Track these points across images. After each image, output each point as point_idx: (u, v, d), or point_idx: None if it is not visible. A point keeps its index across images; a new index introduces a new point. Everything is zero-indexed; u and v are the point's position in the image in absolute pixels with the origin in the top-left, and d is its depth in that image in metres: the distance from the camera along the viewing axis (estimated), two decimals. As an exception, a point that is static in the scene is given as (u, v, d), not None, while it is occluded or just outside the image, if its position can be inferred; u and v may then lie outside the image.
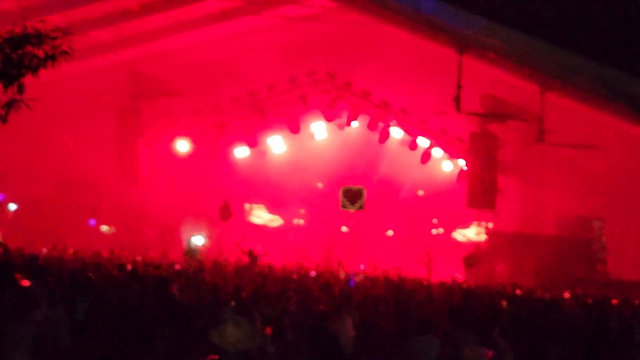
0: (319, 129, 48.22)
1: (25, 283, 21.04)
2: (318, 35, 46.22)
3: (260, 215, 47.92)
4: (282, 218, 49.19)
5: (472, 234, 47.54)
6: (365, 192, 43.03)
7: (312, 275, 36.24)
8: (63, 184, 45.89)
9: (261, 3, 46.17)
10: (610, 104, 35.71)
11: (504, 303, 30.09)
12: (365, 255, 42.83)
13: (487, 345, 20.44)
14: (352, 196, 42.96)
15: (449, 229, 48.10)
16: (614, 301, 33.24)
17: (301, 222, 48.98)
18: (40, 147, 38.58)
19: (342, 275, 33.87)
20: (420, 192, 48.64)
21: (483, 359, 18.67)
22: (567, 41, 34.05)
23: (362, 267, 33.54)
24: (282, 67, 46.97)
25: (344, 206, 43.14)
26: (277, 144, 48.74)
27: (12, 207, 46.47)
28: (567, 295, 35.75)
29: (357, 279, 34.05)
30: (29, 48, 15.17)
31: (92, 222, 46.12)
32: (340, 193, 43.45)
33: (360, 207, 42.53)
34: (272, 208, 48.33)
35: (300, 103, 47.97)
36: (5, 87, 15.05)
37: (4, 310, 18.10)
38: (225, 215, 43.70)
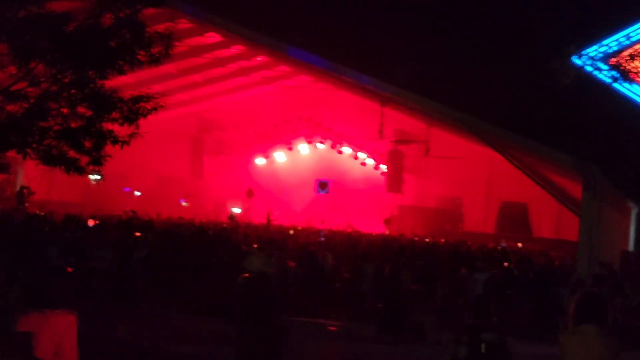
0: (303, 148, 48.10)
1: (138, 234, 21.57)
2: (304, 95, 45.94)
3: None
4: (284, 199, 48.20)
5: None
6: (329, 183, 42.76)
7: (300, 229, 36.64)
8: (159, 179, 45.86)
9: (270, 78, 46.55)
10: (466, 134, 35.49)
11: (407, 244, 30.72)
12: (332, 219, 42.77)
13: (397, 267, 21.16)
14: (322, 185, 42.72)
15: (377, 204, 47.92)
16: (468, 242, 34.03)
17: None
18: (147, 159, 38.78)
19: (321, 233, 34.10)
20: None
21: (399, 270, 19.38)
22: (442, 97, 34.01)
23: (322, 233, 33.71)
24: (282, 111, 47.22)
25: (318, 191, 42.87)
26: (279, 156, 48.68)
27: (137, 193, 46.37)
28: (442, 240, 35.88)
29: (327, 232, 34.36)
30: (142, 104, 15.03)
31: (182, 200, 46.78)
32: (316, 184, 43.11)
33: (327, 192, 42.39)
34: (278, 193, 47.80)
35: (292, 132, 47.99)
36: (129, 125, 14.93)
37: (128, 247, 18.83)
38: (249, 195, 44.20)
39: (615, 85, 29.23)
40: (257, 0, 35.96)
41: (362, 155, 47.75)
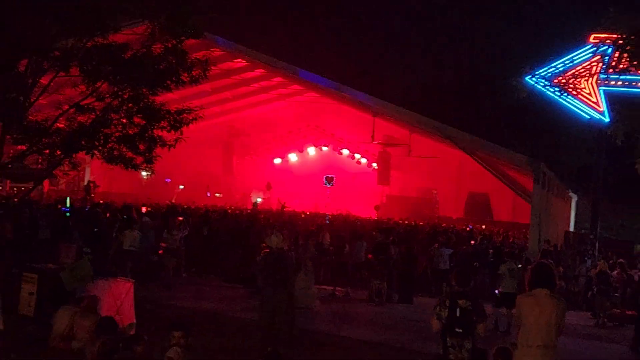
0: (311, 150, 47.87)
1: (180, 218, 21.36)
2: (312, 108, 45.73)
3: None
4: (296, 191, 48.02)
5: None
6: (334, 178, 42.62)
7: (309, 214, 36.48)
8: (196, 174, 45.69)
9: (285, 94, 46.45)
10: (440, 138, 35.34)
11: (393, 225, 30.50)
12: (334, 206, 42.49)
13: (386, 245, 20.81)
14: (329, 180, 42.60)
15: (370, 194, 47.73)
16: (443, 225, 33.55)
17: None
18: (188, 159, 38.43)
19: (327, 216, 33.84)
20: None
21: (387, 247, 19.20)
22: (420, 110, 34.00)
23: (327, 217, 33.45)
24: (294, 121, 47.18)
25: (325, 184, 42.74)
26: (292, 156, 48.36)
27: (181, 187, 45.97)
28: (420, 223, 35.71)
29: (330, 217, 34.17)
30: (185, 115, 15.04)
31: (208, 193, 46.79)
32: (324, 178, 42.98)
33: (332, 185, 42.14)
34: (291, 186, 47.58)
35: (302, 138, 47.75)
36: (175, 131, 14.95)
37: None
38: (269, 188, 44.08)
39: (560, 99, 29.13)
40: (274, 34, 36.31)
41: (357, 155, 47.42)
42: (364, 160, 47.69)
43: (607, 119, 27.47)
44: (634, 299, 19.89)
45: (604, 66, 24.45)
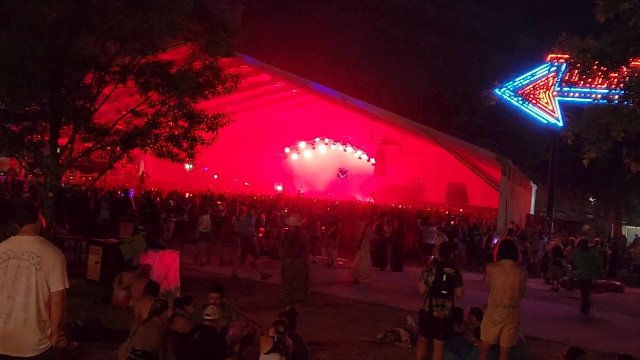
0: (322, 147, 47.75)
1: (219, 202, 21.03)
2: (323, 113, 45.65)
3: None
4: (309, 181, 47.92)
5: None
6: (346, 170, 42.72)
7: (320, 199, 36.32)
8: (227, 166, 46.14)
9: (300, 102, 46.40)
10: (426, 138, 35.37)
11: (387, 209, 30.18)
12: (345, 191, 42.53)
13: (381, 224, 20.54)
14: (343, 172, 42.70)
15: (369, 183, 47.61)
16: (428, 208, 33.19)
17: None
18: (222, 154, 38.15)
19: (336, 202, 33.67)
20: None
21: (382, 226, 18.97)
22: (410, 115, 34.11)
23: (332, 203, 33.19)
24: (309, 123, 47.20)
25: (340, 176, 42.94)
26: (307, 152, 48.20)
27: (215, 176, 45.71)
28: (409, 206, 35.67)
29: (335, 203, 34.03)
30: (220, 119, 14.97)
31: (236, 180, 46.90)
32: (339, 170, 43.16)
33: (346, 176, 42.05)
34: (305, 177, 47.52)
35: (314, 137, 47.45)
36: (212, 132, 14.91)
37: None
38: (288, 179, 44.18)
39: (522, 107, 29.02)
40: (292, 53, 36.31)
41: (359, 152, 47.55)
42: (364, 157, 47.45)
43: (560, 124, 27.41)
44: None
45: (559, 80, 24.52)
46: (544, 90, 28.12)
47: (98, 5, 13.08)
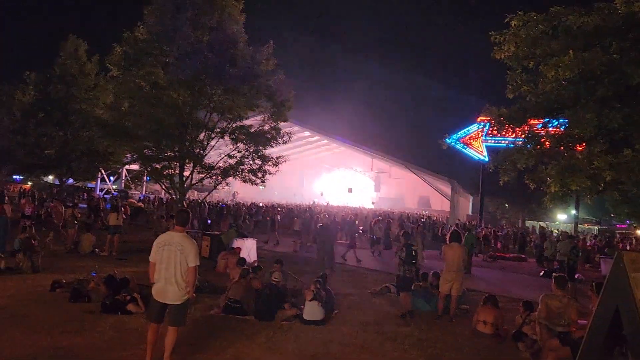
0: (338, 175, 46.57)
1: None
2: (339, 153, 44.98)
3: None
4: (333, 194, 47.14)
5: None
6: (352, 188, 41.96)
7: (336, 207, 35.46)
8: (285, 188, 45.46)
9: (324, 145, 46.04)
10: (405, 168, 34.77)
11: (380, 213, 29.22)
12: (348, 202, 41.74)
13: (375, 222, 19.95)
14: (350, 190, 41.95)
15: (369, 196, 46.97)
16: (407, 212, 32.07)
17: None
18: (280, 179, 36.93)
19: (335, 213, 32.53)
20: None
21: (375, 223, 18.02)
22: (395, 154, 33.72)
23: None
24: (330, 159, 46.34)
25: (348, 192, 41.93)
26: (330, 177, 47.26)
27: (276, 192, 44.40)
28: (395, 211, 34.99)
29: (339, 209, 33.13)
30: (280, 158, 14.19)
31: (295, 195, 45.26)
32: (348, 189, 42.44)
33: (351, 192, 41.39)
34: (326, 195, 46.50)
35: (332, 168, 46.47)
36: (275, 166, 14.24)
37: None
38: (321, 194, 43.34)
39: (463, 150, 28.75)
40: (320, 117, 36.39)
41: (363, 176, 47.34)
42: (367, 180, 47.46)
43: (486, 159, 27.13)
44: (503, 247, 21.36)
45: (485, 133, 24.34)
46: (476, 139, 28.02)
47: (207, 92, 13.47)
